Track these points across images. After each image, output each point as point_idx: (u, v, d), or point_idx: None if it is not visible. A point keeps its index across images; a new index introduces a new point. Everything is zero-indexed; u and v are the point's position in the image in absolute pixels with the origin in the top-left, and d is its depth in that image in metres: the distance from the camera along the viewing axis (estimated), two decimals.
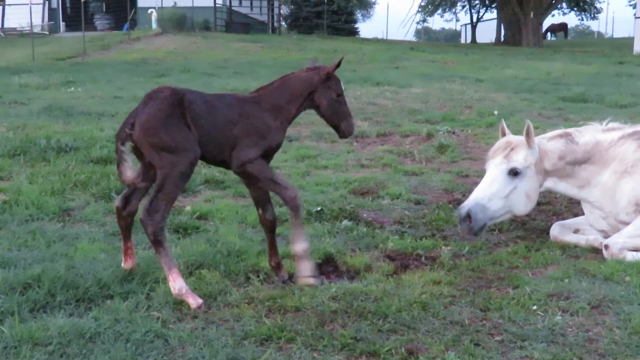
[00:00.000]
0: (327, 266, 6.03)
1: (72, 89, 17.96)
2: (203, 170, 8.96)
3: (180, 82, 19.15)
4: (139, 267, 5.50)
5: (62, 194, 7.68)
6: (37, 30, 40.20)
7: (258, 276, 5.56)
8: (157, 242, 5.00)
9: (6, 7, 43.92)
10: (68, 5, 46.04)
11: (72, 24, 43.30)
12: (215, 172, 8.84)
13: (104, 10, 47.75)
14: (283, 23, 55.96)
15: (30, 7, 31.58)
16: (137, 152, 5.18)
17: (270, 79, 5.73)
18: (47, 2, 44.14)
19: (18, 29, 42.42)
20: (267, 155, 5.40)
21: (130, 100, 15.64)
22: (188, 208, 7.36)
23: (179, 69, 22.91)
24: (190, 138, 5.03)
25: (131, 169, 5.10)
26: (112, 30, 43.08)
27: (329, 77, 5.50)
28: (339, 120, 5.60)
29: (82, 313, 4.78)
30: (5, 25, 44.05)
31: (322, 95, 5.52)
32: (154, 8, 40.36)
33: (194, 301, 4.92)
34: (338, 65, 5.55)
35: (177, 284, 4.94)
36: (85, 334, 4.41)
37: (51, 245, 6.07)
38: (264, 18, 51.78)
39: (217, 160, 5.42)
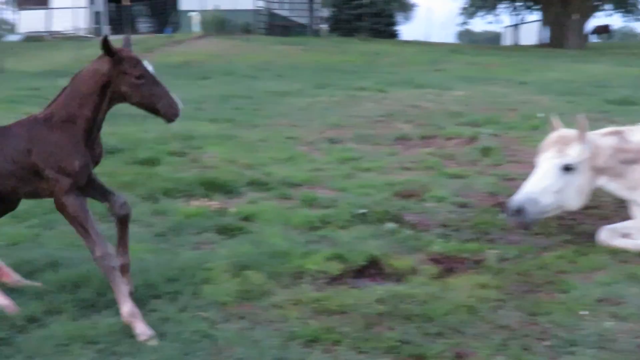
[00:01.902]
0: (371, 269, 6.01)
1: None
2: (247, 172, 9.01)
3: (223, 84, 19.32)
4: (185, 268, 5.52)
5: None
6: (82, 33, 40.81)
7: (303, 278, 5.56)
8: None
9: (53, 11, 44.63)
10: (112, 9, 46.64)
11: (116, 27, 43.86)
12: (260, 174, 8.88)
13: (147, 14, 48.30)
14: (323, 25, 56.01)
15: (76, 12, 32.00)
16: None
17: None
18: (91, 6, 44.75)
19: (64, 33, 43.10)
20: (79, 179, 4.69)
21: None
22: (232, 209, 7.39)
23: (221, 72, 23.04)
24: None
25: None
26: (154, 34, 43.54)
27: (119, 60, 4.60)
28: (153, 104, 4.68)
29: None
30: (52, 29, 44.76)
31: (120, 83, 4.63)
32: (196, 11, 40.73)
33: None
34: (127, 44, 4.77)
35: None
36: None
37: None
38: (305, 21, 51.91)
39: (28, 193, 4.88)
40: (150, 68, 4.66)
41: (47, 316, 4.66)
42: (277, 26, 43.35)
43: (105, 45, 4.56)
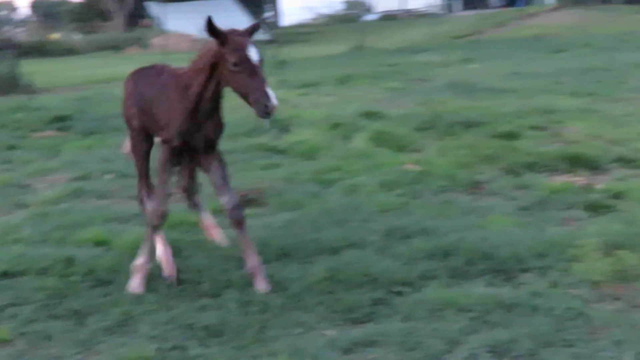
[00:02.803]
0: None
1: (472, 65, 18.32)
2: (613, 148, 8.54)
3: (581, 57, 18.59)
4: (554, 244, 5.37)
5: (471, 167, 7.86)
6: (434, 10, 41.79)
7: None
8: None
9: None
10: None
11: (468, 3, 44.30)
12: (628, 150, 8.37)
13: None
14: None
15: None
16: None
17: None
18: None
19: (418, 10, 44.53)
20: (174, 140, 4.82)
21: (529, 76, 15.53)
22: (600, 186, 7.06)
23: (578, 44, 22.19)
24: (133, 118, 5.25)
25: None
26: (506, 7, 43.16)
27: (224, 41, 4.42)
28: (245, 95, 4.42)
29: (499, 284, 4.83)
30: (406, 7, 46.45)
31: (222, 66, 4.48)
32: None
33: None
34: (251, 30, 4.64)
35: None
36: (504, 304, 4.44)
37: (464, 216, 6.23)
38: None
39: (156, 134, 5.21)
40: (255, 57, 4.41)
41: (420, 281, 4.83)
42: None
43: (208, 26, 4.43)
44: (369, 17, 48.72)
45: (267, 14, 51.95)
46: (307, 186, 7.34)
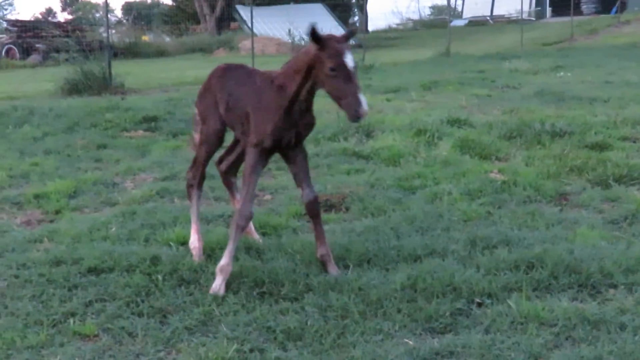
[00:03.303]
0: None
1: (562, 73, 17.94)
2: None
3: None
4: None
5: (558, 178, 7.68)
6: (524, 16, 41.08)
7: None
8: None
9: None
10: None
11: (558, 9, 43.44)
12: None
13: None
14: None
15: None
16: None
17: None
18: None
19: (506, 16, 43.86)
20: (267, 141, 4.98)
21: (622, 85, 15.11)
22: None
23: None
24: (212, 110, 5.47)
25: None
26: (599, 14, 42.13)
27: (322, 47, 4.64)
28: (338, 99, 4.64)
29: (584, 298, 4.70)
30: (494, 13, 45.82)
31: (318, 69, 4.70)
32: None
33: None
34: (347, 36, 4.86)
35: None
36: (589, 320, 4.32)
37: (550, 228, 6.09)
38: None
39: (239, 132, 5.38)
40: (350, 64, 4.61)
41: (503, 293, 4.74)
42: None
43: (311, 32, 4.64)
44: (457, 22, 48.26)
45: (354, 19, 52.03)
46: (389, 192, 7.31)
